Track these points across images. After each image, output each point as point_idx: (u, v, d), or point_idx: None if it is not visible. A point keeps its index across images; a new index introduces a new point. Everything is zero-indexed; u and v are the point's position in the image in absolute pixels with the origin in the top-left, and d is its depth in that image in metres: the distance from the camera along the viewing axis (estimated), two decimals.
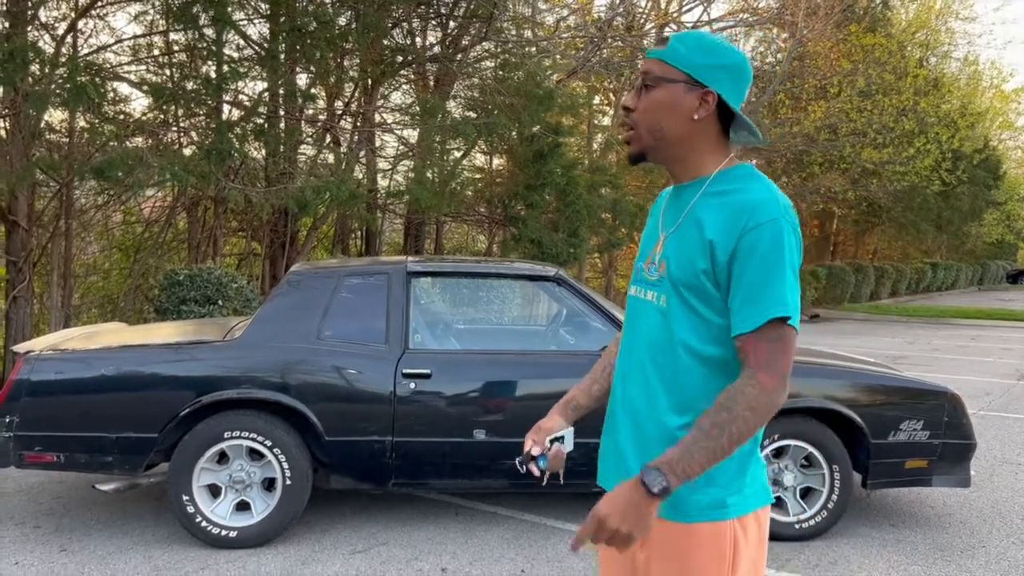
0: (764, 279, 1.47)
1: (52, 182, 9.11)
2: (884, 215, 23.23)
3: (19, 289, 8.47)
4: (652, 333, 1.61)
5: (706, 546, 1.54)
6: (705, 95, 1.56)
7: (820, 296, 20.86)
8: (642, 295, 1.67)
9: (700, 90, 1.56)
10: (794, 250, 1.51)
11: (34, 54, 6.76)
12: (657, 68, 1.57)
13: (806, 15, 15.15)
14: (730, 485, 1.56)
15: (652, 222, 1.73)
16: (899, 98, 16.39)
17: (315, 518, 4.40)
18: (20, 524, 4.24)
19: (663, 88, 1.56)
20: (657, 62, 1.58)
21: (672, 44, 1.57)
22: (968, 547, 4.24)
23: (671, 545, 1.56)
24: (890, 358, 11.80)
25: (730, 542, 1.54)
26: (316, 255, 12.77)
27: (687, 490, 1.55)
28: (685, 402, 1.57)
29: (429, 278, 4.39)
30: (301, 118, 10.65)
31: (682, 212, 1.62)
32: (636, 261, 1.74)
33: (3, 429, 3.86)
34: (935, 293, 30.13)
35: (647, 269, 1.66)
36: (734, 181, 1.57)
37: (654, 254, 1.65)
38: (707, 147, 1.61)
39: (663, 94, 1.56)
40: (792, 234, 1.50)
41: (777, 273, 1.47)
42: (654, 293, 1.63)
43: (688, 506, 1.55)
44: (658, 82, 1.57)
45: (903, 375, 4.57)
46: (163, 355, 4.01)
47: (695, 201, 1.60)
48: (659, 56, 1.57)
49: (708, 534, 1.54)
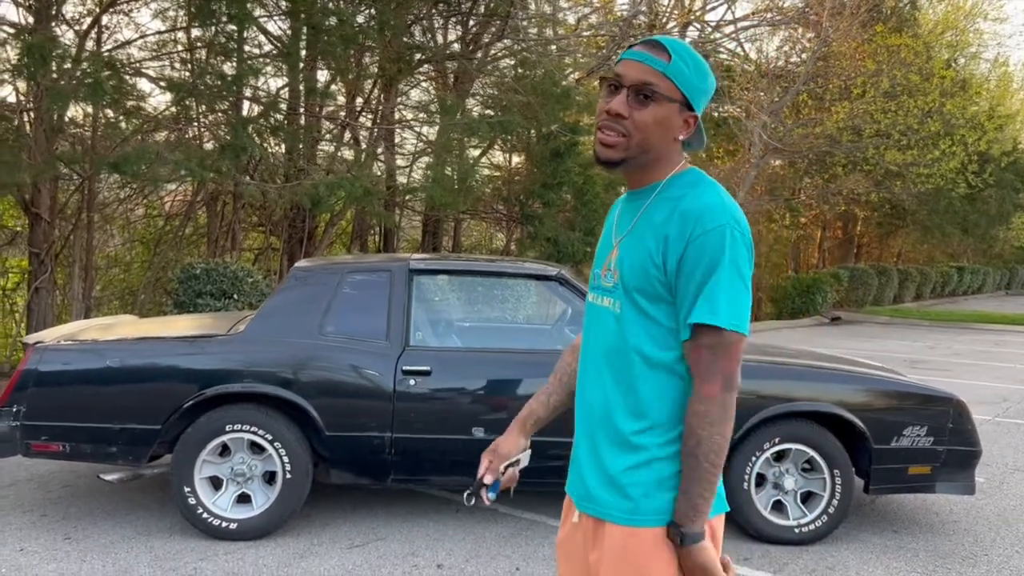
0: (706, 285, 1.49)
1: (75, 176, 9.25)
2: (908, 218, 22.95)
3: (41, 281, 8.61)
4: (608, 339, 1.63)
5: (660, 549, 1.55)
6: (691, 118, 1.59)
7: (842, 298, 20.67)
8: (599, 301, 1.68)
9: (689, 113, 1.59)
10: (741, 255, 1.51)
11: (54, 49, 6.86)
12: (659, 82, 1.54)
13: (831, 15, 15.01)
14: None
15: (607, 230, 1.74)
16: (925, 99, 16.17)
17: (315, 512, 4.44)
18: (28, 512, 4.32)
19: (663, 106, 1.55)
20: (659, 75, 1.54)
21: (675, 61, 1.55)
22: (970, 555, 4.19)
23: (624, 548, 1.57)
24: (908, 362, 11.67)
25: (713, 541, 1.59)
26: (334, 251, 12.85)
27: (641, 495, 1.57)
28: (640, 408, 1.58)
29: (432, 276, 4.42)
30: (320, 115, 10.74)
31: (634, 218, 1.64)
32: (593, 268, 1.75)
33: (11, 418, 3.94)
34: (960, 297, 29.73)
35: (603, 276, 1.67)
36: (684, 187, 1.59)
37: (609, 261, 1.66)
38: (670, 159, 1.62)
39: (663, 112, 1.56)
40: (739, 240, 1.51)
41: (721, 279, 1.48)
42: (610, 299, 1.64)
43: (642, 511, 1.57)
44: (659, 98, 1.55)
45: (907, 380, 4.53)
46: (167, 348, 4.08)
47: (646, 206, 1.62)
48: (662, 70, 1.54)
49: (659, 540, 1.55)
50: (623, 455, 1.59)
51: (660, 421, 1.58)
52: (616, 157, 1.59)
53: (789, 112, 17.10)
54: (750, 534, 4.23)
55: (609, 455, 1.60)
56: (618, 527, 1.57)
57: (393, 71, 10.21)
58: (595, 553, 1.62)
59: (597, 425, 1.63)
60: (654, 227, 1.57)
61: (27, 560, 3.71)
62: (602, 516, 1.60)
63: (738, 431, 4.14)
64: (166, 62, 9.33)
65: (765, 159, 16.71)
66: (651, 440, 1.58)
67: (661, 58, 1.55)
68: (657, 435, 1.58)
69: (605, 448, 1.61)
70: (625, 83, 1.56)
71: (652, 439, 1.58)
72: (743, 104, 16.59)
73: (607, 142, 1.58)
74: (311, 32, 8.89)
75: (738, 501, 4.18)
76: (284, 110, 9.73)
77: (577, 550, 1.70)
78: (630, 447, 1.58)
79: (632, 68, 1.56)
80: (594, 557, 1.62)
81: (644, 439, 1.58)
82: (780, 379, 4.25)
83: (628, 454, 1.58)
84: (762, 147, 15.88)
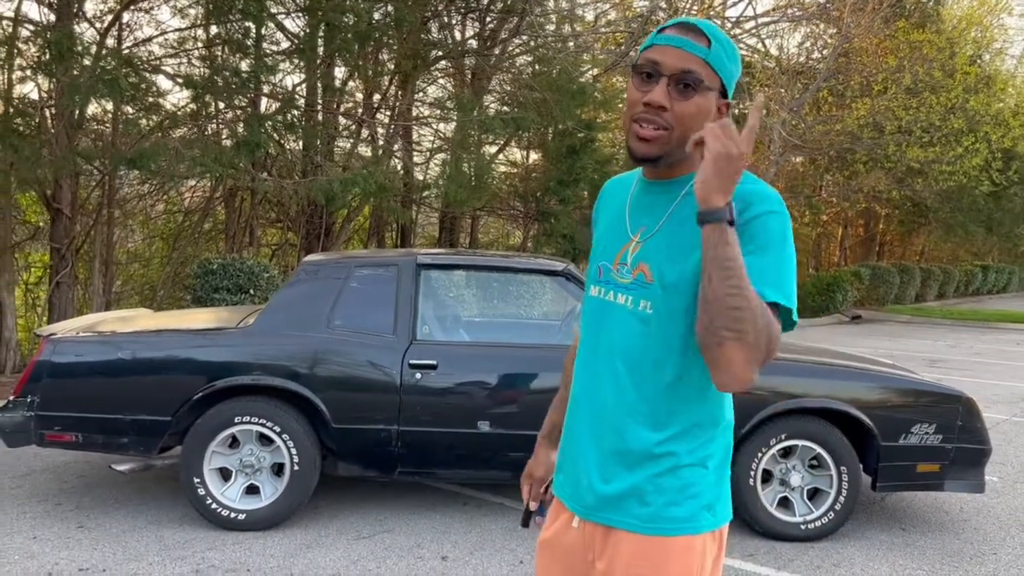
0: (775, 265, 1.39)
1: (95, 171, 9.37)
2: (931, 215, 22.70)
3: (62, 275, 8.74)
4: (630, 341, 1.51)
5: (679, 560, 1.48)
6: (724, 105, 1.49)
7: (863, 297, 20.49)
8: (610, 297, 1.56)
9: (722, 100, 1.48)
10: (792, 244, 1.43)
11: (74, 46, 6.95)
12: (702, 70, 1.42)
13: (853, 10, 14.88)
14: (707, 497, 1.50)
15: (612, 218, 1.61)
16: (948, 96, 16.00)
17: (323, 503, 4.49)
18: (43, 501, 4.40)
19: (705, 96, 1.44)
20: (701, 62, 1.42)
21: (715, 47, 1.43)
22: (978, 554, 4.17)
23: (643, 557, 1.49)
24: (928, 361, 11.57)
25: (699, 556, 1.49)
26: (351, 247, 12.93)
27: (664, 503, 1.48)
28: (669, 416, 1.50)
29: (439, 270, 4.45)
30: (337, 112, 10.80)
31: (665, 210, 1.52)
32: (595, 260, 1.63)
33: (25, 408, 4.01)
34: (985, 296, 29.37)
35: (616, 270, 1.55)
36: None
37: (625, 254, 1.53)
38: None
39: (705, 102, 1.44)
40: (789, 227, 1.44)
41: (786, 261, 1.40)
42: (628, 297, 1.52)
43: (664, 518, 1.49)
44: (702, 88, 1.43)
45: (916, 377, 4.50)
46: (177, 341, 4.13)
47: (681, 199, 1.50)
48: (704, 57, 1.43)
49: (682, 548, 1.48)
50: (645, 465, 1.49)
51: (689, 426, 1.49)
52: (656, 153, 1.46)
53: (810, 109, 16.98)
54: (756, 530, 4.23)
55: (628, 464, 1.50)
56: (635, 536, 1.49)
57: (409, 68, 10.26)
58: (603, 562, 1.53)
59: (610, 431, 1.52)
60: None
61: (40, 548, 3.78)
62: (616, 525, 1.51)
63: (744, 427, 4.14)
64: (184, 59, 9.43)
65: (785, 156, 16.61)
66: (680, 447, 1.49)
67: (701, 43, 1.43)
68: (686, 441, 1.49)
69: (622, 457, 1.51)
70: (665, 71, 1.43)
71: (680, 446, 1.49)
72: (763, 101, 16.48)
73: (646, 136, 1.45)
74: (328, 29, 8.95)
75: (744, 497, 4.17)
76: (301, 107, 9.80)
77: (575, 556, 1.60)
78: (653, 457, 1.49)
79: (671, 55, 1.43)
80: (602, 566, 1.53)
81: (671, 446, 1.49)
82: (787, 375, 4.24)
83: (651, 463, 1.49)
84: (782, 144, 15.78)
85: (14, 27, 7.99)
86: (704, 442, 1.50)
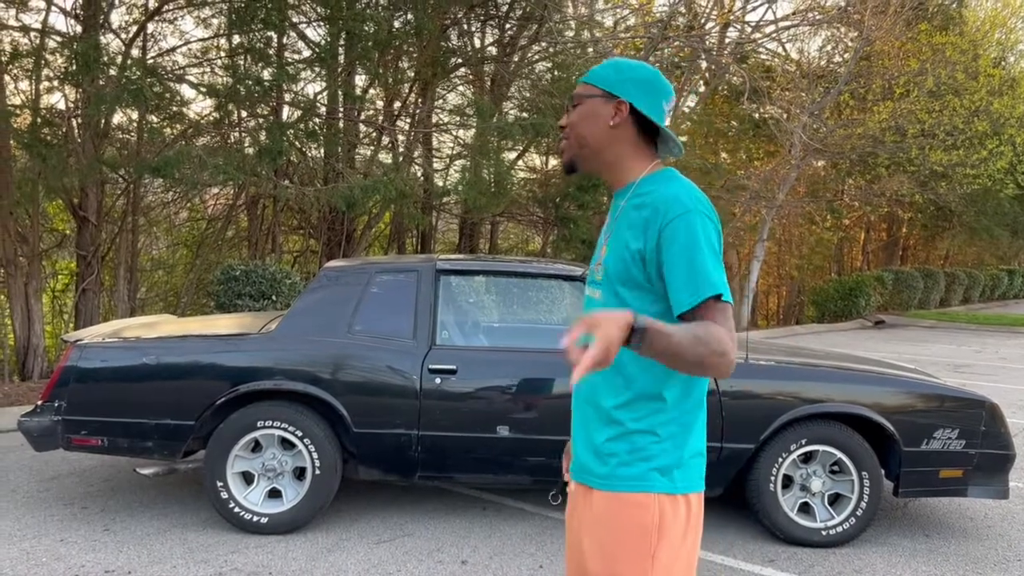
0: (690, 264, 1.62)
1: (121, 180, 9.51)
2: (955, 219, 22.47)
3: (88, 282, 8.88)
4: None
5: (630, 516, 1.67)
6: (619, 104, 1.77)
7: (886, 302, 20.32)
8: (591, 293, 1.86)
9: (614, 101, 1.77)
10: (711, 235, 1.65)
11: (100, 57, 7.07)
12: (582, 89, 1.81)
13: (874, 13, 14.78)
14: (659, 461, 1.68)
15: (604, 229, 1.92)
16: (971, 99, 15.84)
17: (344, 507, 4.53)
18: (69, 504, 4.47)
19: (585, 103, 1.80)
20: (583, 85, 1.82)
21: (592, 70, 1.82)
22: (1003, 560, 4.13)
23: (601, 511, 1.71)
24: (952, 366, 11.45)
25: (655, 516, 1.66)
26: (372, 253, 13.00)
27: (617, 463, 1.70)
28: (618, 386, 1.73)
29: (458, 276, 4.47)
30: (358, 119, 10.89)
31: (615, 215, 1.82)
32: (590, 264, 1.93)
33: (52, 413, 4.08)
34: (1011, 301, 29.01)
35: (595, 270, 1.84)
36: (654, 183, 1.75)
37: (599, 256, 1.84)
38: (630, 154, 1.80)
39: (585, 108, 1.80)
40: (706, 221, 1.65)
41: (699, 257, 1.62)
42: (599, 292, 1.81)
43: (618, 476, 1.70)
44: (582, 99, 1.81)
45: (939, 382, 4.47)
46: (201, 346, 4.19)
47: (623, 205, 1.79)
48: (583, 80, 1.82)
49: (633, 504, 1.67)
50: (604, 428, 1.74)
51: (633, 398, 1.71)
52: (565, 159, 1.85)
53: (831, 112, 16.88)
54: (776, 535, 4.21)
55: (594, 428, 1.76)
56: (599, 492, 1.72)
57: (429, 75, 10.32)
58: (577, 519, 1.79)
59: (586, 403, 1.79)
60: (630, 221, 1.73)
61: (67, 550, 3.84)
62: (586, 483, 1.75)
63: (764, 432, 4.12)
64: (207, 68, 9.55)
65: (806, 160, 16.51)
66: (627, 416, 1.71)
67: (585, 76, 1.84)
68: (632, 410, 1.71)
69: (592, 423, 1.77)
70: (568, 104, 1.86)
71: (627, 415, 1.71)
72: (784, 105, 16.41)
73: (560, 149, 1.87)
74: (348, 37, 9.03)
75: (764, 502, 4.16)
76: (322, 114, 9.89)
77: (572, 518, 1.84)
78: (610, 420, 1.73)
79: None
80: (576, 523, 1.79)
81: (621, 414, 1.72)
82: (807, 380, 4.22)
83: (608, 427, 1.73)
84: (803, 148, 15.69)
85: (41, 38, 8.14)
86: (649, 412, 1.70)
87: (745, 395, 4.16)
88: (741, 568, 3.90)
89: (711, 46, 16.14)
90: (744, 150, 18.54)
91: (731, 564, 3.95)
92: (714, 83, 16.98)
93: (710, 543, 4.21)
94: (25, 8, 8.01)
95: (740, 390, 4.16)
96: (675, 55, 16.03)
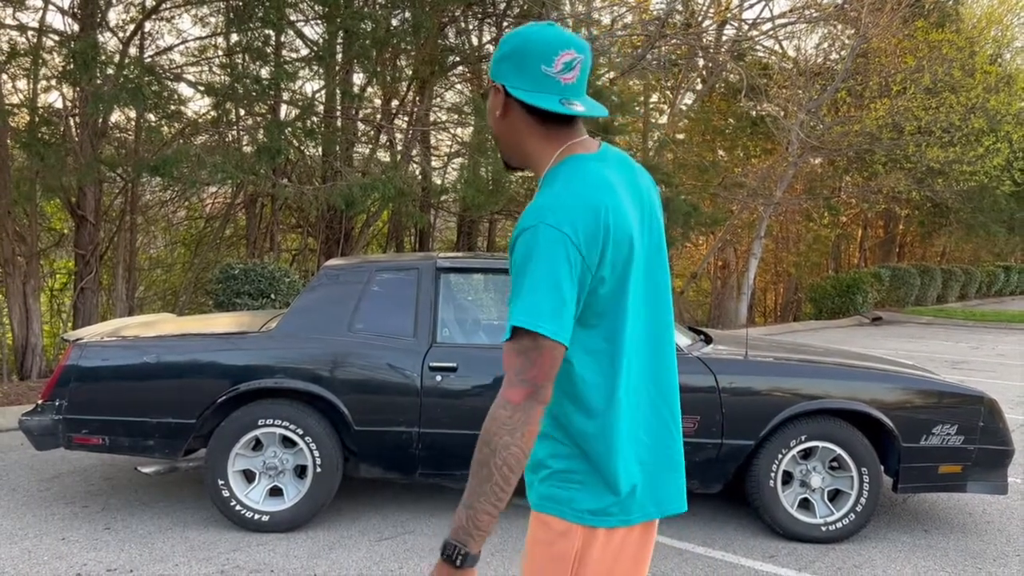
0: (519, 288, 1.41)
1: (119, 179, 9.50)
2: (951, 216, 22.52)
3: (86, 281, 8.87)
4: None
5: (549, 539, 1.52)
6: (496, 89, 1.55)
7: (883, 298, 20.35)
8: None
9: (493, 86, 1.56)
10: (556, 255, 1.39)
11: (98, 55, 7.06)
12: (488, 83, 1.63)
13: (871, 11, 14.80)
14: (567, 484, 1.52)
15: None
16: (968, 96, 15.88)
17: (345, 505, 4.53)
18: (70, 503, 4.47)
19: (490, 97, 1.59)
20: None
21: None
22: (1002, 555, 4.14)
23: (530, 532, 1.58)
24: (950, 363, 11.48)
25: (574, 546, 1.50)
26: (370, 251, 13.01)
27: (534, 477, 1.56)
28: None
29: (458, 274, 4.48)
30: (356, 118, 10.88)
31: None
32: None
33: (53, 412, 4.09)
34: (1008, 297, 29.07)
35: None
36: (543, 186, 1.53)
37: None
38: (535, 143, 1.55)
39: (488, 103, 1.61)
40: (551, 237, 1.39)
41: (528, 281, 1.40)
42: None
43: (534, 493, 1.57)
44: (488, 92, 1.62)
45: (937, 378, 4.49)
46: (201, 345, 4.19)
47: None
48: None
49: (555, 528, 1.52)
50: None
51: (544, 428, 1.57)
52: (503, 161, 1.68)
53: (828, 110, 16.91)
54: (776, 531, 4.23)
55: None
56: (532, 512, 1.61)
57: (427, 73, 10.32)
58: None
59: None
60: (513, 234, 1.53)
61: (69, 549, 3.84)
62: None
63: (764, 428, 4.14)
64: (205, 67, 9.55)
65: (803, 157, 16.54)
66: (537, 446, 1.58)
67: None
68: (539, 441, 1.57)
69: None
70: None
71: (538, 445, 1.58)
72: (781, 102, 16.44)
73: None
74: (346, 36, 9.03)
75: (764, 498, 4.18)
76: (320, 113, 9.89)
77: None
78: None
79: None
80: None
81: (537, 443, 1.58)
82: (806, 377, 4.24)
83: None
84: (800, 145, 15.71)
85: (39, 37, 8.13)
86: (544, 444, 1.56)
87: (745, 392, 4.17)
88: (741, 564, 3.92)
89: (708, 44, 16.17)
90: (741, 148, 18.57)
91: (731, 560, 3.96)
92: (711, 81, 17.01)
93: (710, 539, 4.23)
94: (22, 7, 7.99)
95: (740, 387, 4.17)
96: (672, 53, 16.05)
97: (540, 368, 1.38)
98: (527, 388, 1.37)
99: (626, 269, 1.48)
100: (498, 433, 1.36)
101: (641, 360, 1.55)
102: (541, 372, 1.38)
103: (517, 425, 1.36)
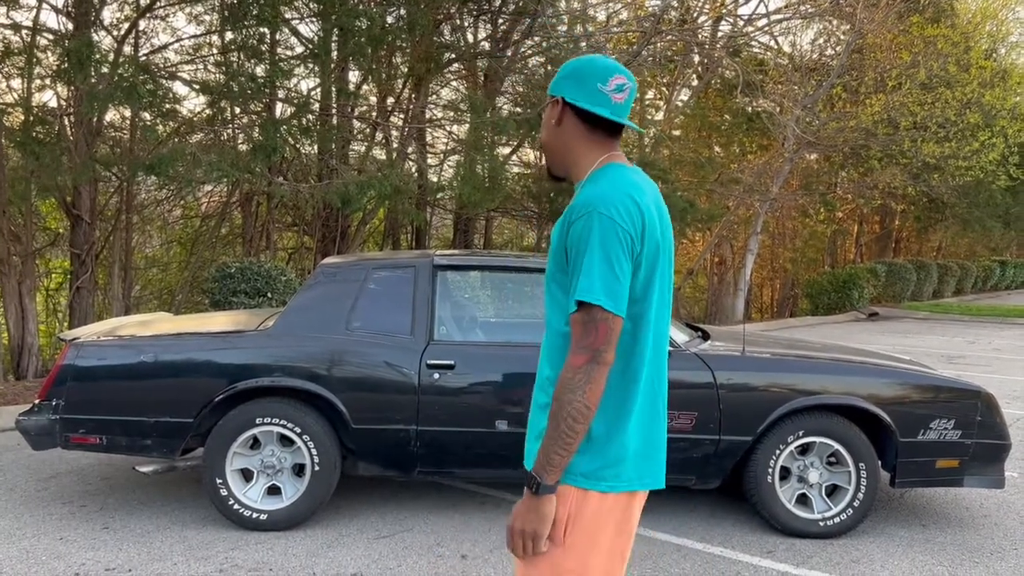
0: (577, 268, 1.67)
1: (114, 178, 9.48)
2: (947, 211, 22.55)
3: (82, 281, 8.85)
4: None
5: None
6: (555, 102, 1.84)
7: (879, 294, 20.39)
8: None
9: (552, 100, 1.85)
10: (609, 239, 1.65)
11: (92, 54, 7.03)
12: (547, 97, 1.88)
13: (866, 6, 14.81)
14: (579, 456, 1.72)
15: None
16: (963, 91, 15.89)
17: (344, 503, 4.53)
18: (68, 502, 4.46)
19: (547, 110, 1.88)
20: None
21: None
22: (999, 549, 4.16)
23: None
24: (947, 357, 11.51)
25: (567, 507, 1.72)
26: (367, 249, 12.99)
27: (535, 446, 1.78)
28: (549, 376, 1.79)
29: (455, 271, 4.48)
30: (351, 115, 10.86)
31: None
32: None
33: (50, 412, 4.08)
34: (1003, 292, 29.14)
35: None
36: (588, 183, 1.76)
37: None
38: (581, 151, 1.83)
39: (546, 114, 1.88)
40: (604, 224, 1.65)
41: (586, 261, 1.65)
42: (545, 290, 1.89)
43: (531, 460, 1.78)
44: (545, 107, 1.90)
45: (934, 373, 4.49)
46: (199, 344, 4.18)
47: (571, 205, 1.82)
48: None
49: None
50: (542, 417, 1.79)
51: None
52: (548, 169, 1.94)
53: (823, 105, 16.91)
54: (775, 527, 4.23)
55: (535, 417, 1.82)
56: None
57: (423, 70, 10.29)
58: None
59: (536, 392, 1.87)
60: (562, 220, 1.77)
61: (66, 548, 3.84)
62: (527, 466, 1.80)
63: (761, 424, 4.14)
64: (200, 65, 9.52)
65: (799, 153, 16.55)
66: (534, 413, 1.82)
67: None
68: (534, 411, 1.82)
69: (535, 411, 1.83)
70: None
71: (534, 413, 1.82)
72: (776, 98, 16.44)
73: None
74: (341, 33, 9.01)
75: (762, 494, 4.18)
76: (316, 111, 9.86)
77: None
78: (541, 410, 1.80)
79: None
80: None
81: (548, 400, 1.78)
82: (804, 372, 4.24)
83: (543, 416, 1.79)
84: (796, 141, 15.72)
85: (33, 36, 8.10)
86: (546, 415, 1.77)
87: (742, 387, 4.17)
88: (740, 559, 3.92)
89: (704, 40, 16.14)
90: (737, 144, 18.57)
91: (730, 556, 3.97)
92: (707, 77, 17.00)
93: (708, 535, 4.23)
94: (16, 6, 7.96)
95: (737, 383, 4.18)
96: (668, 49, 16.04)
97: (598, 336, 1.64)
98: (587, 354, 1.63)
99: (654, 262, 1.73)
100: (563, 391, 1.64)
101: (652, 347, 1.77)
102: (599, 339, 1.64)
103: (579, 384, 1.63)
